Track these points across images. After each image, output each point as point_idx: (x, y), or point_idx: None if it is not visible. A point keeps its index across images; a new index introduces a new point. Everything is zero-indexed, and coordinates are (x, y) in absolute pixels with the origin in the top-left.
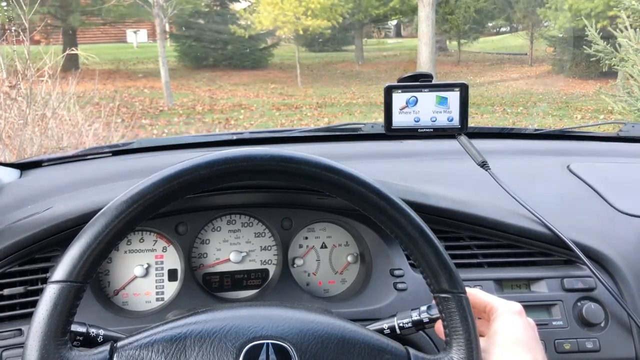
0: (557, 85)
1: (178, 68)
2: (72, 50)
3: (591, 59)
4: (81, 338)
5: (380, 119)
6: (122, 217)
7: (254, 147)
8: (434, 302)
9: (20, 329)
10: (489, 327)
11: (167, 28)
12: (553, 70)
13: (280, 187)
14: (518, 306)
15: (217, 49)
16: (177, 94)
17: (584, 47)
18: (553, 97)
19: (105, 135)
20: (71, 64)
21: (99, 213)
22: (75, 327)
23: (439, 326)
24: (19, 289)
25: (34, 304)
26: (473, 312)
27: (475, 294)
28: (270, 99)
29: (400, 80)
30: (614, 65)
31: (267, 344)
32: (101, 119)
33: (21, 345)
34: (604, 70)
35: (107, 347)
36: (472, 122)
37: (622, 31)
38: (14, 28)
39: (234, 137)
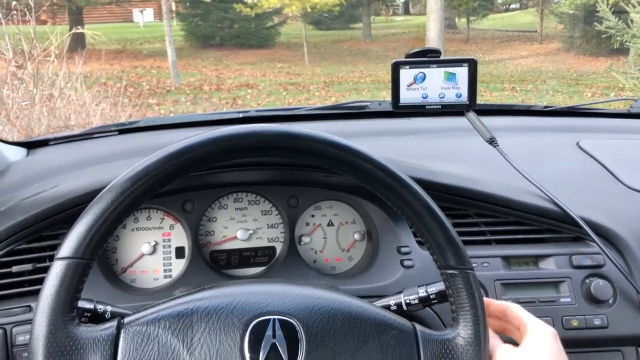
0: (568, 63)
1: (185, 47)
2: (78, 29)
3: (602, 36)
4: (89, 314)
5: (388, 98)
6: (128, 193)
7: (260, 124)
8: (441, 278)
9: (29, 306)
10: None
11: (174, 7)
12: (563, 47)
13: (287, 165)
14: (552, 329)
15: (223, 27)
16: (184, 73)
17: (595, 23)
18: (563, 75)
19: (113, 115)
20: (77, 43)
21: (104, 190)
22: (82, 304)
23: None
24: (27, 266)
25: (42, 281)
26: (481, 290)
27: (512, 308)
28: (277, 78)
29: (408, 56)
30: (625, 41)
31: (274, 319)
32: (108, 98)
33: (30, 321)
34: (615, 47)
35: (114, 323)
36: (480, 100)
37: (634, 7)
38: (19, 8)
39: (241, 115)
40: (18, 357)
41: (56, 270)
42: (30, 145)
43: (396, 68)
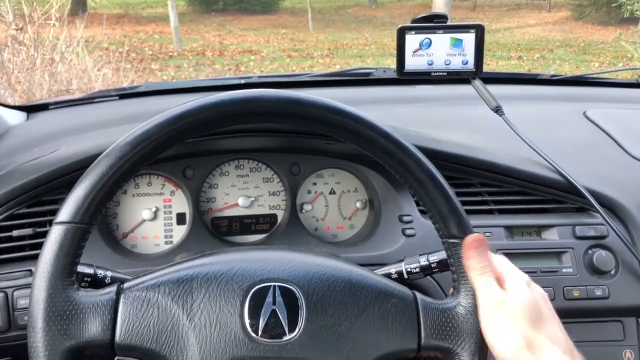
0: (576, 32)
1: (187, 12)
2: None
3: (612, 5)
4: (89, 279)
5: (393, 65)
6: (127, 158)
7: (261, 89)
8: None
9: (30, 270)
10: None
11: None
12: (572, 15)
13: (289, 132)
14: (526, 277)
15: None
16: (186, 39)
17: None
18: (571, 44)
19: (115, 81)
20: (78, 7)
21: (102, 154)
22: (82, 269)
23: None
24: (28, 231)
25: (42, 245)
26: None
27: (492, 259)
28: (280, 44)
29: (414, 22)
30: (635, 11)
31: (274, 286)
32: (110, 64)
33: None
34: (625, 16)
35: (113, 288)
36: (486, 69)
37: None
38: None
39: (243, 81)
40: (19, 320)
41: (55, 235)
42: (31, 109)
43: (402, 33)
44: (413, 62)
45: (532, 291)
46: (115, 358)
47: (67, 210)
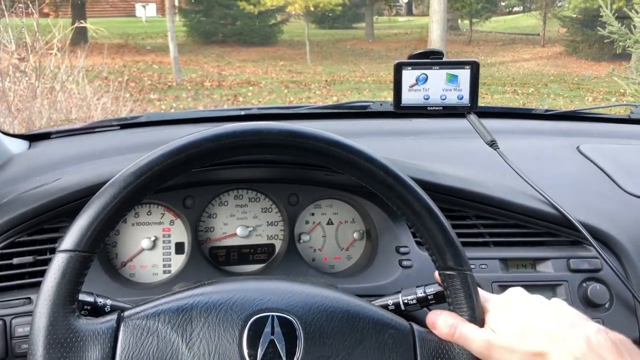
0: (569, 67)
1: (187, 43)
2: (81, 23)
3: (605, 41)
4: (89, 307)
5: (390, 98)
6: (130, 188)
7: (262, 122)
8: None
9: (29, 297)
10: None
11: (176, 2)
12: (566, 51)
13: (288, 163)
14: (502, 298)
15: (226, 24)
16: (185, 69)
17: (598, 28)
18: (565, 79)
19: (114, 110)
20: (80, 37)
21: (107, 184)
22: (83, 297)
23: (430, 318)
24: (28, 259)
25: (42, 273)
26: (479, 291)
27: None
28: (279, 75)
29: (410, 57)
30: (628, 47)
31: (273, 316)
32: (110, 93)
33: (30, 313)
34: (617, 52)
35: (114, 316)
36: (481, 103)
37: (637, 12)
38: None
39: (242, 112)
40: (17, 348)
41: (58, 263)
42: (33, 138)
43: (399, 69)
44: (409, 97)
45: (514, 317)
46: None
47: (71, 238)
